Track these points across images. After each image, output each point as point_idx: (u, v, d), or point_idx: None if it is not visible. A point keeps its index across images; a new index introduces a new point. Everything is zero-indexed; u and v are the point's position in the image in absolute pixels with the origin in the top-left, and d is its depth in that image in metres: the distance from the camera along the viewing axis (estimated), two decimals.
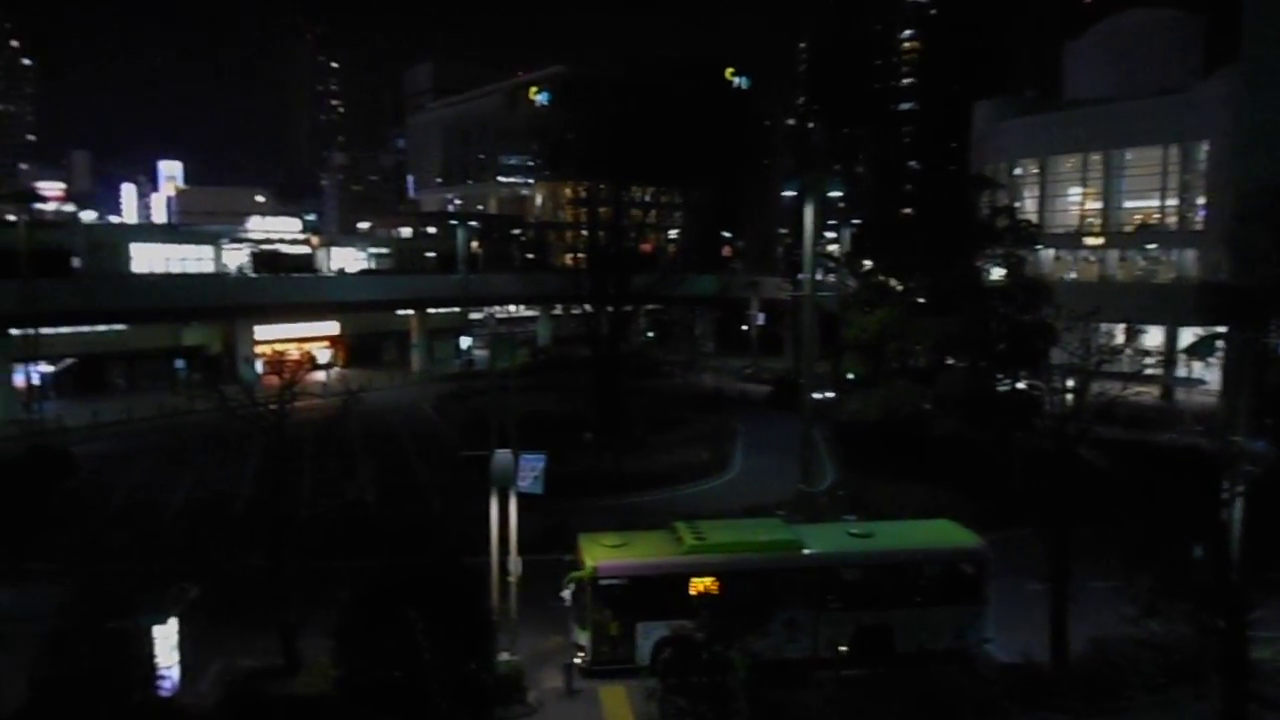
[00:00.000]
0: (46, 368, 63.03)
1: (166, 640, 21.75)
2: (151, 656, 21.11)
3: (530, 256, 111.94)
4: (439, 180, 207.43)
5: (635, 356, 71.52)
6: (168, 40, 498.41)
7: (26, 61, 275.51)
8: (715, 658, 19.54)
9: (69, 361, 67.68)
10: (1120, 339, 50.59)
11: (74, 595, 20.81)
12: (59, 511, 39.42)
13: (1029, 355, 41.43)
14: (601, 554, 24.83)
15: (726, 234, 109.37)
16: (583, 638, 24.51)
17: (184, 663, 22.41)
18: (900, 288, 56.49)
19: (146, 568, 24.38)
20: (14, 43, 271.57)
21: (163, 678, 21.36)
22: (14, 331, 56.72)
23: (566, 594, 24.75)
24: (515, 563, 25.06)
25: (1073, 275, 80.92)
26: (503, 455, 24.84)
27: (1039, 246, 65.17)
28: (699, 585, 24.47)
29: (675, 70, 71.81)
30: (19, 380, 58.41)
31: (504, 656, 23.33)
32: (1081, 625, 23.71)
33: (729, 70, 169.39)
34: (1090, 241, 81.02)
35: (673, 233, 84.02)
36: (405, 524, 35.27)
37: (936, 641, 24.83)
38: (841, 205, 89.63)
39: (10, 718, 20.82)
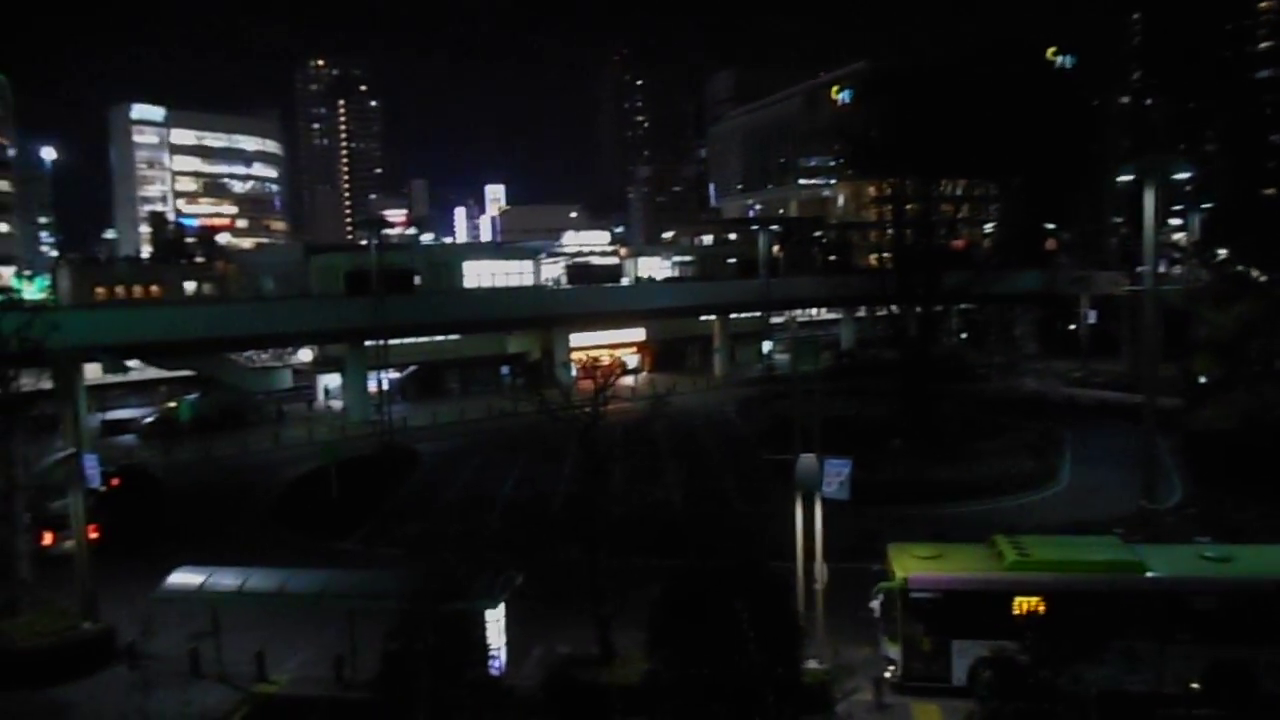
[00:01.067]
0: (394, 374, 70.68)
1: (496, 624, 23.40)
2: (483, 638, 22.79)
3: (832, 258, 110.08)
4: (740, 186, 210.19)
5: (947, 359, 68.00)
6: (492, 75, 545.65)
7: (373, 104, 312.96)
8: (1043, 684, 17.83)
9: (412, 368, 75.51)
10: None
11: (418, 578, 22.83)
12: (405, 502, 43.99)
13: None
14: (913, 565, 23.65)
15: (1050, 226, 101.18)
16: (893, 651, 23.47)
17: (510, 645, 24.01)
18: (1264, 278, 49.31)
19: (478, 556, 26.34)
20: (363, 88, 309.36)
21: (493, 658, 22.99)
22: (368, 343, 64.00)
23: (875, 605, 23.82)
24: (821, 569, 24.47)
25: None
26: (807, 460, 24.36)
27: None
28: (1023, 604, 22.62)
29: (988, 54, 67.32)
30: (372, 385, 65.77)
31: (811, 664, 22.79)
32: None
33: (1050, 50, 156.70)
34: None
35: (988, 226, 78.99)
36: (709, 525, 35.65)
37: None
38: (1187, 189, 79.97)
39: (366, 684, 23.25)
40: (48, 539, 34.23)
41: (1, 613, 27.63)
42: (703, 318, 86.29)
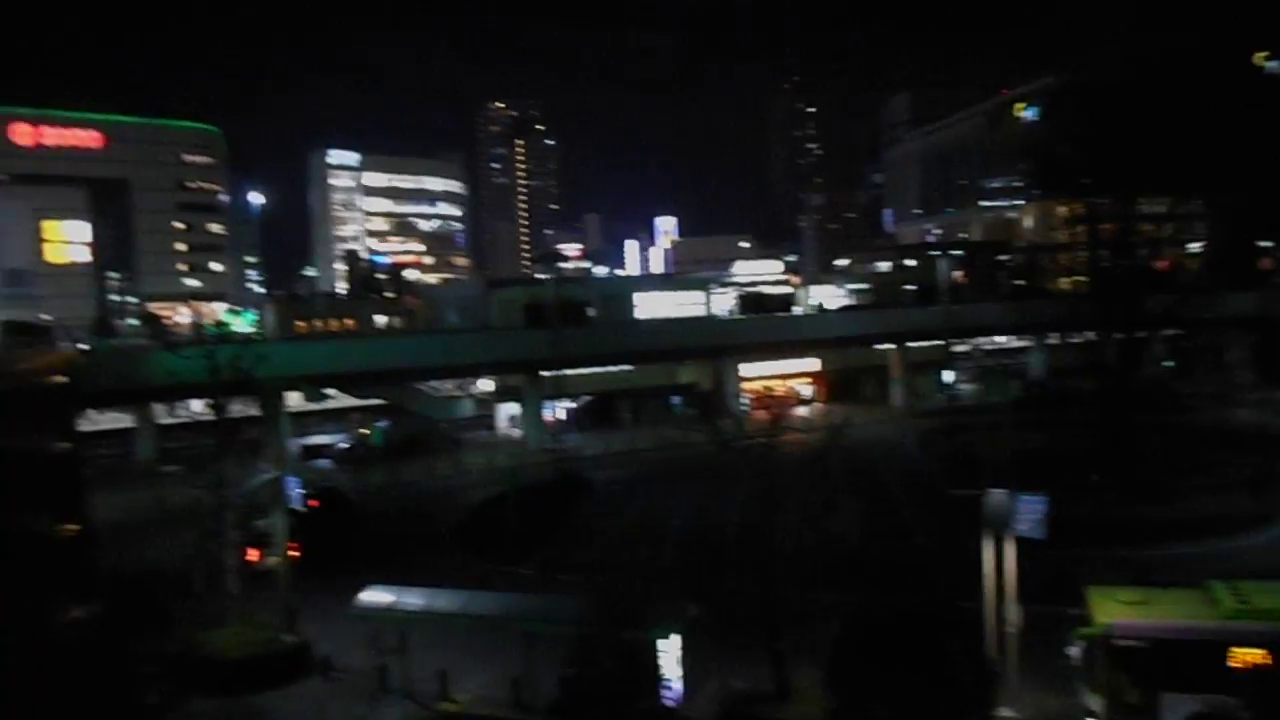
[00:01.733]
0: (569, 404, 72.14)
1: (670, 654, 23.15)
2: (658, 667, 22.60)
3: (1019, 283, 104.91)
4: (917, 211, 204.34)
5: (1150, 389, 63.18)
6: (663, 109, 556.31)
7: (550, 142, 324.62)
8: None
9: (586, 399, 76.89)
10: None
11: (594, 605, 22.95)
12: (580, 529, 44.56)
13: None
14: (1117, 611, 21.82)
15: (1266, 244, 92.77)
16: (1094, 702, 21.68)
17: (683, 677, 23.69)
18: None
19: (652, 585, 26.28)
20: (539, 127, 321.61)
21: (667, 688, 22.75)
22: (544, 373, 65.66)
23: (1074, 652, 22.13)
24: (1013, 612, 22.97)
25: None
26: (998, 496, 23.06)
27: None
28: (1242, 657, 20.44)
29: (1186, 62, 62.66)
30: (548, 414, 67.36)
31: (1004, 712, 21.35)
32: None
33: (1260, 55, 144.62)
34: None
35: (1195, 245, 73.22)
36: (889, 562, 34.31)
37: None
38: None
39: (544, 707, 23.48)
40: (253, 555, 36.57)
41: (211, 623, 29.68)
42: (879, 347, 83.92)
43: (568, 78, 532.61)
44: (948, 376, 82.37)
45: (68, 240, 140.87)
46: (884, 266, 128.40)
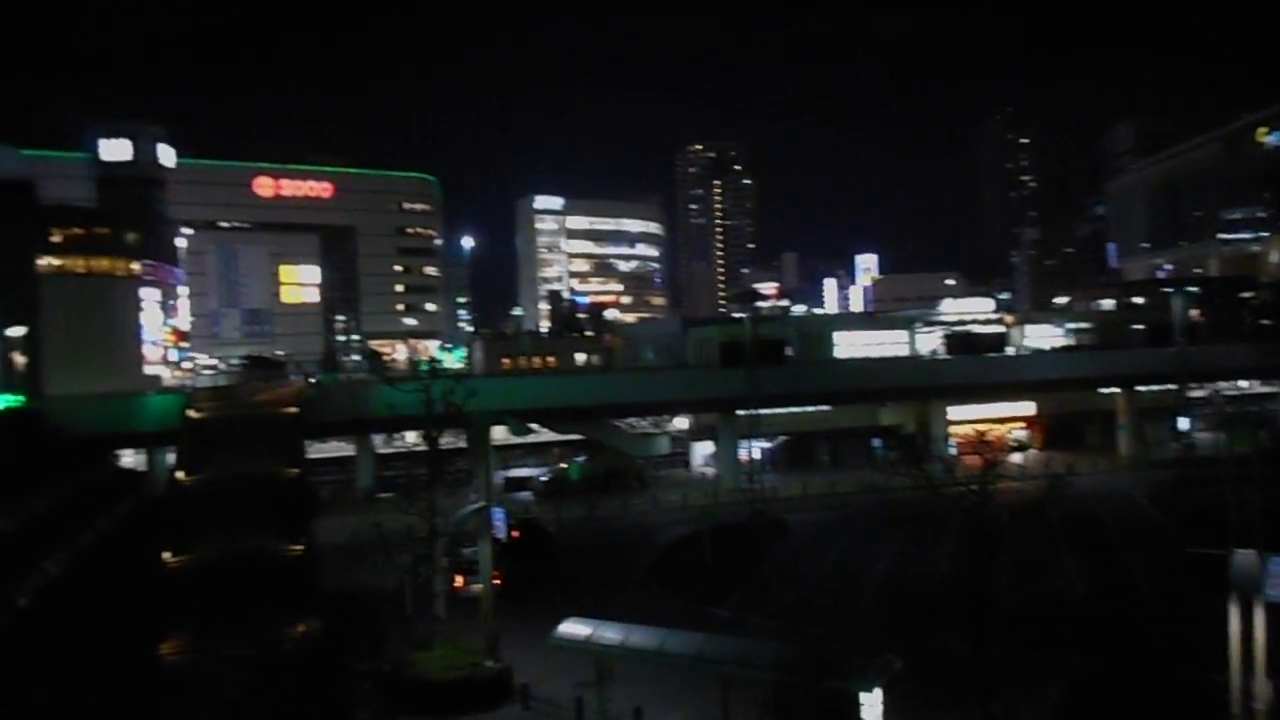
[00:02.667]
0: (765, 443, 71.19)
1: (873, 708, 21.96)
2: None
3: (1265, 322, 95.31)
4: (1145, 245, 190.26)
5: None
6: (862, 145, 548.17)
7: (747, 182, 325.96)
8: None
9: (783, 438, 75.72)
10: None
11: (792, 651, 22.14)
12: (776, 572, 43.60)
13: None
14: None
15: None
16: None
17: None
18: None
19: (851, 635, 25.16)
20: (737, 167, 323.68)
21: None
22: (740, 412, 65.19)
23: None
24: (1263, 687, 20.44)
25: None
26: (1245, 556, 20.82)
27: None
28: None
29: None
30: (743, 454, 66.73)
31: None
32: None
33: None
34: None
35: None
36: (1117, 624, 31.45)
37: None
38: None
39: None
40: (459, 582, 38.02)
41: (420, 645, 30.91)
42: (1104, 391, 78.21)
43: (767, 117, 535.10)
44: (1183, 423, 75.55)
45: (300, 282, 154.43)
46: (1108, 304, 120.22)
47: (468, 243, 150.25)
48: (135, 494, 50.68)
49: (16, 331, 58.98)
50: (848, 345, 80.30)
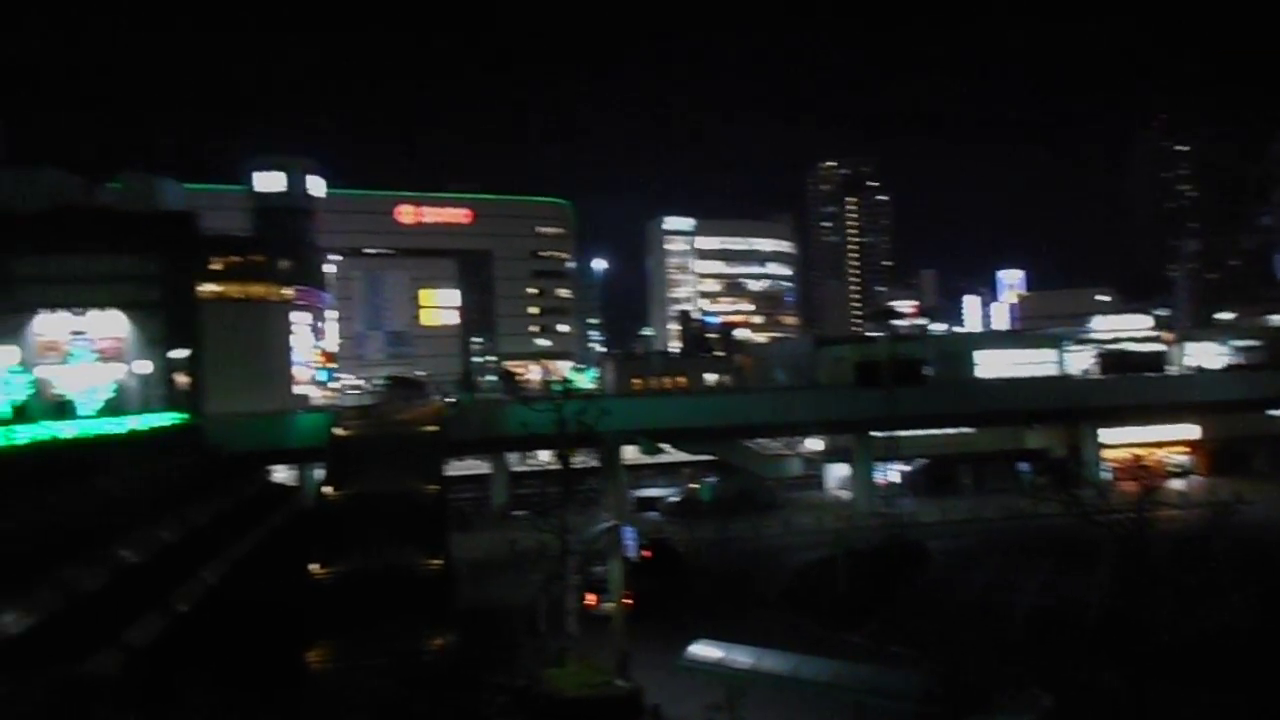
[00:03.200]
0: (902, 466, 69.09)
1: None
2: None
3: None
4: None
5: None
6: (1004, 157, 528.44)
7: (882, 198, 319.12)
8: None
9: (921, 462, 73.32)
10: None
11: (932, 682, 21.20)
12: (915, 600, 42.02)
13: None
14: None
15: None
16: None
17: None
18: None
19: (997, 667, 23.92)
20: (871, 183, 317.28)
21: None
22: (876, 434, 63.46)
23: None
24: None
25: None
26: None
27: None
28: None
29: None
30: (879, 477, 64.94)
31: None
32: None
33: None
34: None
35: None
36: None
37: None
38: None
39: None
40: (591, 600, 38.15)
41: (552, 662, 31.11)
42: (1274, 413, 72.65)
43: (901, 132, 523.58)
44: None
45: (439, 305, 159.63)
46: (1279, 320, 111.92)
47: (599, 265, 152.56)
48: (286, 507, 53.09)
49: (180, 353, 62.99)
50: (991, 365, 77.48)
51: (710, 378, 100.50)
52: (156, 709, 17.99)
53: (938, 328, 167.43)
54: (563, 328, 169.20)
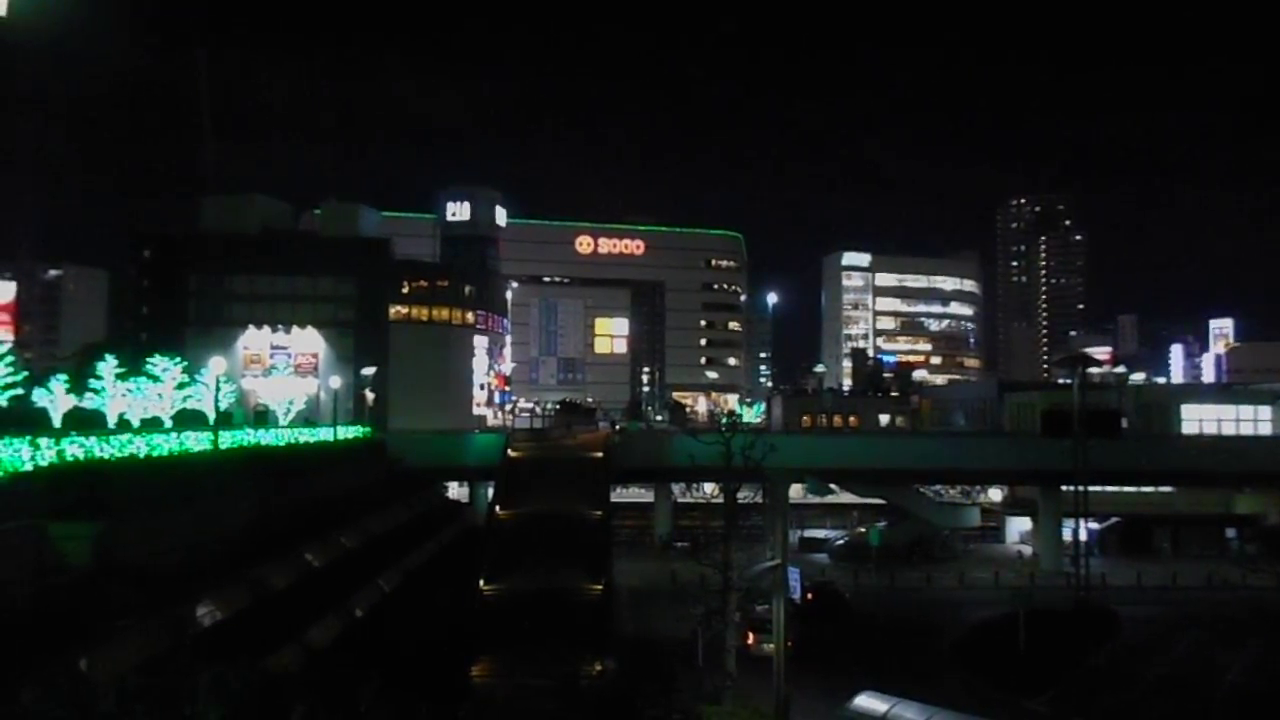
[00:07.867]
0: (1093, 524, 64.49)
1: None
2: None
3: None
4: None
5: None
6: (1211, 197, 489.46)
7: (1077, 238, 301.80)
8: None
9: (1114, 520, 68.30)
10: None
11: None
12: (1102, 669, 38.91)
13: None
14: None
15: None
16: None
17: None
18: None
19: None
20: (1066, 222, 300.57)
21: None
22: (1064, 487, 59.57)
23: None
24: None
25: None
26: None
27: None
28: None
29: None
30: (1066, 534, 60.86)
31: None
32: None
33: None
34: None
35: None
36: None
37: None
38: None
39: None
40: (751, 639, 37.31)
41: (709, 699, 30.48)
42: None
43: (1099, 169, 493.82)
44: None
45: (611, 334, 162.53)
46: None
47: (771, 298, 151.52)
48: (457, 523, 54.86)
49: (369, 371, 66.58)
50: (1197, 419, 71.30)
51: (884, 418, 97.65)
52: (335, 710, 18.69)
53: (1137, 377, 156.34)
54: (732, 360, 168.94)
